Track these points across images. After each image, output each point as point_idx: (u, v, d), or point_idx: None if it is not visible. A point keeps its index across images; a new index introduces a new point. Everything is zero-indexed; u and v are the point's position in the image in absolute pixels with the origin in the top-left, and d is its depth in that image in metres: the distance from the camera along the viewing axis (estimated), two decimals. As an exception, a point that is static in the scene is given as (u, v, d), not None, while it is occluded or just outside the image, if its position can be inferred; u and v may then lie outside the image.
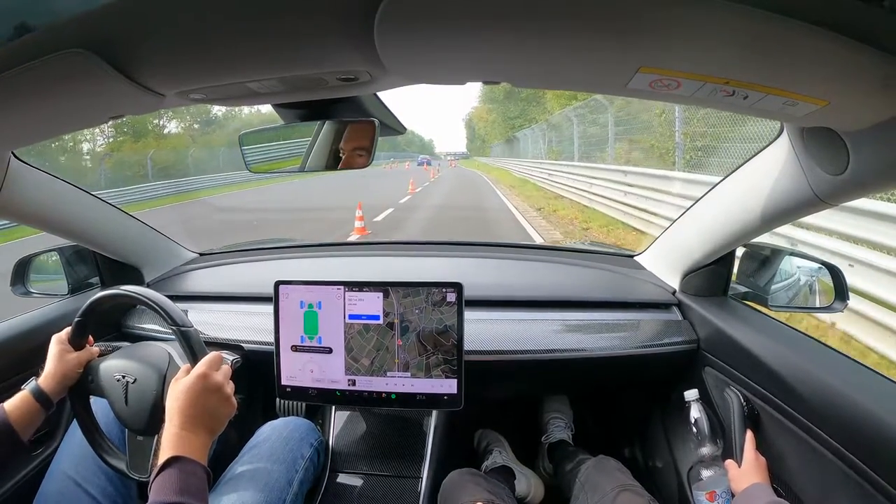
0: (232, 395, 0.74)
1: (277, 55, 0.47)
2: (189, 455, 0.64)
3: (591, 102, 8.94)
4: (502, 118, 23.44)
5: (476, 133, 49.91)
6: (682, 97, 0.49)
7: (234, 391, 0.75)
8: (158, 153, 17.88)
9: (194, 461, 0.64)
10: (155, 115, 19.42)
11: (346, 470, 1.03)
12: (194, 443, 0.66)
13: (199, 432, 0.68)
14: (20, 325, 1.03)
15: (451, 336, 0.97)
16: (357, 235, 6.28)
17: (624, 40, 0.41)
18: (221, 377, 0.73)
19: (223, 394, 0.72)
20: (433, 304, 0.97)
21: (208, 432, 0.69)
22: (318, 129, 0.72)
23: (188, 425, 0.67)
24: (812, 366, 0.79)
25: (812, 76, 0.45)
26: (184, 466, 0.62)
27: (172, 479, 0.61)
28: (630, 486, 0.91)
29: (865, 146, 0.56)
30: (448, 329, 0.97)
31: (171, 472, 0.62)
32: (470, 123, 55.02)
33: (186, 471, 0.62)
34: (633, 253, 1.35)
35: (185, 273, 1.37)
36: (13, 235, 6.59)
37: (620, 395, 1.43)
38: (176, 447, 0.64)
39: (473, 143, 57.27)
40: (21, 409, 0.75)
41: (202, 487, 0.63)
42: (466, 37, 0.41)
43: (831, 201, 0.68)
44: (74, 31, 0.41)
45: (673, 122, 6.20)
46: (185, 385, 0.70)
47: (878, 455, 0.64)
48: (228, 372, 0.76)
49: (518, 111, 24.20)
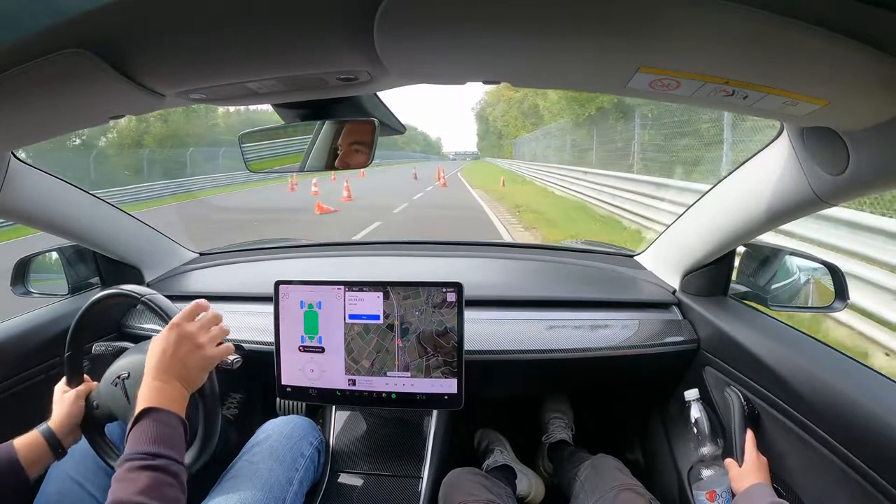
0: (208, 343, 0.73)
1: (277, 55, 0.47)
2: (162, 406, 0.63)
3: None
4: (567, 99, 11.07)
5: (491, 127, 37.72)
6: (682, 97, 0.49)
7: (217, 341, 0.74)
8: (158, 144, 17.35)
9: (168, 411, 0.63)
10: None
11: (347, 469, 1.03)
12: (167, 392, 0.66)
13: (172, 382, 0.67)
14: (20, 325, 1.04)
15: (451, 338, 0.97)
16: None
17: (624, 40, 0.41)
18: (194, 327, 0.72)
19: (195, 342, 0.71)
20: (433, 306, 0.97)
21: (182, 382, 0.69)
22: (317, 129, 0.72)
23: (160, 376, 0.67)
24: (812, 366, 0.79)
25: (812, 76, 0.44)
26: (157, 416, 0.62)
27: (146, 430, 0.61)
28: (631, 485, 0.91)
29: (865, 146, 0.56)
30: (448, 331, 0.97)
31: (144, 423, 0.61)
32: (482, 115, 42.80)
33: (160, 420, 0.62)
34: (634, 252, 1.35)
35: (185, 273, 1.37)
36: (12, 235, 6.58)
37: (621, 395, 1.43)
38: (149, 399, 0.64)
39: (486, 141, 45.40)
40: (30, 447, 0.74)
41: (177, 437, 0.63)
42: (466, 37, 0.41)
43: (831, 201, 0.68)
44: (74, 31, 0.41)
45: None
46: (158, 338, 0.70)
47: (878, 455, 0.64)
48: (209, 322, 0.74)
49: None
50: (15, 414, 1.02)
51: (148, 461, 0.58)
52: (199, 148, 18.42)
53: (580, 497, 0.97)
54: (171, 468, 0.59)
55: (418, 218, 8.60)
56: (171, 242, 1.39)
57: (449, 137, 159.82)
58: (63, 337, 0.85)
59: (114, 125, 15.49)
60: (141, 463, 0.58)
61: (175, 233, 1.42)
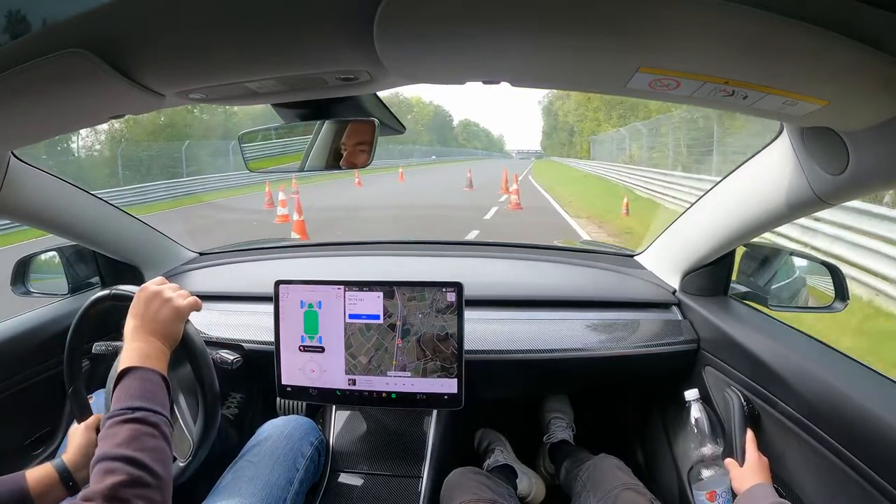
0: (176, 297, 0.75)
1: (277, 55, 0.48)
2: (142, 364, 0.64)
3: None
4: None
5: (560, 123, 31.34)
6: (682, 97, 0.49)
7: (184, 297, 0.76)
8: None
9: (149, 368, 0.64)
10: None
11: (347, 469, 1.03)
12: (146, 350, 0.67)
13: (149, 339, 0.69)
14: (20, 325, 1.04)
15: (451, 344, 0.97)
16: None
17: (623, 40, 0.41)
18: (156, 287, 0.75)
19: (162, 297, 0.73)
20: (437, 311, 0.97)
21: (159, 338, 0.70)
22: (317, 129, 0.72)
23: (137, 336, 0.68)
24: (812, 365, 0.79)
25: (812, 76, 0.44)
26: (136, 374, 0.63)
27: (126, 388, 0.62)
28: (631, 485, 0.91)
29: (865, 146, 0.56)
30: (449, 337, 0.97)
31: (125, 382, 0.62)
32: (550, 109, 36.08)
33: (139, 377, 0.63)
34: (634, 252, 1.35)
35: (185, 273, 1.37)
36: (21, 237, 6.48)
37: (621, 395, 1.43)
38: (127, 360, 0.65)
39: (552, 138, 37.31)
40: (42, 480, 0.73)
41: (157, 390, 0.63)
42: (466, 37, 0.41)
43: (831, 201, 0.68)
44: (74, 31, 0.41)
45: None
46: (130, 309, 0.72)
47: (878, 455, 0.64)
48: (171, 287, 0.77)
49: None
50: (15, 414, 1.03)
51: (127, 415, 0.58)
52: (199, 141, 15.50)
53: (581, 497, 0.97)
54: (150, 419, 0.59)
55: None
56: (170, 242, 1.39)
57: (511, 135, 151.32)
58: (63, 337, 0.85)
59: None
60: (121, 417, 0.58)
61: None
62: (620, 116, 18.50)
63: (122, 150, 13.31)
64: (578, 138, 26.56)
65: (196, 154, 14.36)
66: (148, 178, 12.53)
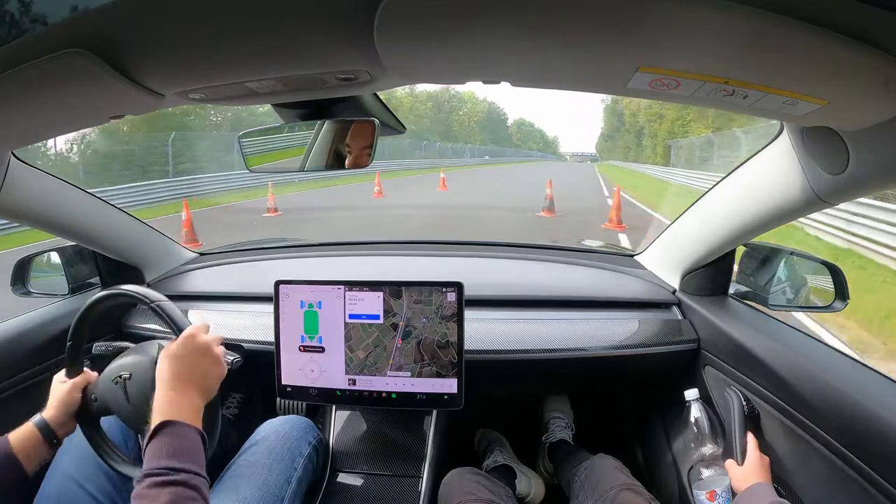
0: (222, 357, 0.73)
1: (277, 55, 0.47)
2: (180, 419, 0.62)
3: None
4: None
5: (626, 124, 26.93)
6: (682, 97, 0.49)
7: (224, 353, 0.74)
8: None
9: (186, 424, 0.62)
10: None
11: (347, 469, 1.03)
12: (185, 405, 0.64)
13: (189, 393, 0.66)
14: (20, 325, 1.04)
15: (450, 352, 0.98)
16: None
17: (623, 40, 0.41)
18: (210, 338, 0.72)
19: (213, 354, 0.71)
20: (442, 318, 0.98)
21: (200, 393, 0.68)
22: (317, 129, 0.72)
23: (178, 387, 0.65)
24: (812, 365, 0.79)
25: (812, 76, 0.44)
26: (175, 430, 0.61)
27: (165, 444, 0.59)
28: (631, 485, 0.91)
29: (865, 146, 0.56)
30: (449, 345, 0.98)
31: (162, 437, 0.60)
32: (615, 108, 30.53)
33: (178, 434, 0.61)
34: (634, 252, 1.35)
35: (185, 273, 1.37)
36: (23, 240, 6.39)
37: (621, 395, 1.43)
38: (166, 412, 0.62)
39: (612, 141, 32.63)
40: (25, 440, 0.73)
41: (197, 449, 0.61)
42: (465, 37, 0.41)
43: (831, 201, 0.68)
44: (74, 31, 0.41)
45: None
46: (172, 349, 0.69)
47: (878, 454, 0.64)
48: (219, 338, 0.75)
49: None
50: (15, 414, 1.02)
51: (169, 476, 0.56)
52: (195, 132, 12.87)
53: (580, 497, 0.97)
54: (192, 482, 0.58)
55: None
56: (170, 242, 1.39)
57: (565, 136, 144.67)
58: (63, 337, 0.85)
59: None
60: (162, 479, 0.56)
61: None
62: (718, 115, 14.32)
63: (85, 145, 11.13)
64: (650, 141, 22.57)
65: (189, 147, 11.94)
66: (122, 180, 10.17)
